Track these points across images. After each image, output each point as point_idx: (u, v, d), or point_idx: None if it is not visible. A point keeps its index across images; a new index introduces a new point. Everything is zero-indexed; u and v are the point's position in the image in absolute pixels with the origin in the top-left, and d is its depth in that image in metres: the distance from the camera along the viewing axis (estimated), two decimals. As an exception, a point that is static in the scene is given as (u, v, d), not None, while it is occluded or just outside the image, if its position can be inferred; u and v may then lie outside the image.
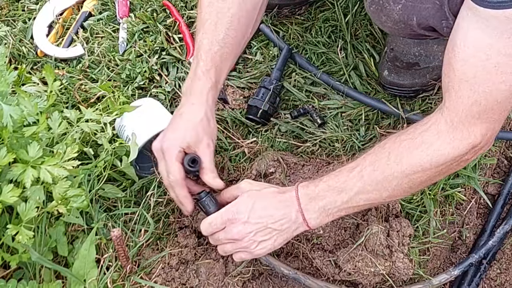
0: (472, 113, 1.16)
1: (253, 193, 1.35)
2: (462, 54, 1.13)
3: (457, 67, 1.15)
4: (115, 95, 1.72)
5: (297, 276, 1.45)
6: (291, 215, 1.31)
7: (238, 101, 1.82)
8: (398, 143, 1.25)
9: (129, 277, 1.42)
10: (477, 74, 1.12)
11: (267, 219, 1.31)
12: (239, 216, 1.32)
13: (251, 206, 1.32)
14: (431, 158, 1.20)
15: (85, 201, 1.31)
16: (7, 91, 1.29)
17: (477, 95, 1.13)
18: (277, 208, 1.32)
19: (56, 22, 1.98)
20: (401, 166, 1.23)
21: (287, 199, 1.32)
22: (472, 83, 1.13)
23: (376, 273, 1.45)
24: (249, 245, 1.34)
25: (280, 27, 1.94)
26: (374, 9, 1.46)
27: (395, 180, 1.24)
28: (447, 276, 1.53)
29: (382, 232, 1.49)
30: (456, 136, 1.19)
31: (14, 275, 1.36)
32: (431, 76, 1.75)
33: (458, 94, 1.16)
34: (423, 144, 1.21)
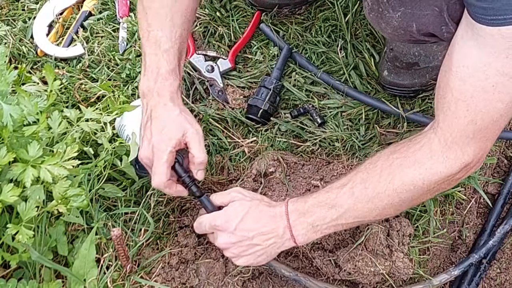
0: (467, 133, 1.15)
1: (245, 203, 1.35)
2: (460, 73, 1.13)
3: (455, 86, 1.14)
4: (115, 94, 1.72)
5: (298, 278, 1.45)
6: (279, 231, 1.31)
7: (238, 100, 1.82)
8: (390, 161, 1.25)
9: (129, 276, 1.42)
10: (475, 93, 1.11)
11: (253, 233, 1.31)
12: (227, 226, 1.32)
13: (240, 217, 1.32)
14: (424, 177, 1.20)
15: (85, 201, 1.31)
16: (7, 90, 1.29)
17: (474, 114, 1.13)
18: (266, 222, 1.32)
19: (56, 22, 1.98)
20: (393, 184, 1.22)
21: (276, 214, 1.32)
22: (469, 103, 1.12)
23: (376, 272, 1.45)
24: (231, 256, 1.35)
25: (280, 27, 1.94)
26: (373, 16, 1.46)
27: (387, 199, 1.24)
28: (447, 276, 1.54)
29: (382, 232, 1.49)
30: (449, 156, 1.18)
31: (14, 274, 1.36)
32: (430, 76, 1.75)
33: (455, 115, 1.15)
34: (416, 163, 1.21)
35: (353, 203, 1.26)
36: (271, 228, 1.31)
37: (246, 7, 1.96)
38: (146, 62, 1.36)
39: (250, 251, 1.33)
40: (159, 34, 1.35)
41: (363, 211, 1.26)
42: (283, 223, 1.31)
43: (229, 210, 1.35)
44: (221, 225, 1.33)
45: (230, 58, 1.86)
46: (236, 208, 1.34)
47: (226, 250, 1.35)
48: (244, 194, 1.39)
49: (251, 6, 1.96)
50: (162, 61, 1.35)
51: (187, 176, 1.37)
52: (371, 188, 1.24)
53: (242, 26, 1.94)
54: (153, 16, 1.37)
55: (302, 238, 1.31)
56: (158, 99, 1.35)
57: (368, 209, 1.25)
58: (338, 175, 1.61)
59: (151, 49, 1.36)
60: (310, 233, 1.31)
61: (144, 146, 1.35)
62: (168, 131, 1.33)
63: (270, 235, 1.32)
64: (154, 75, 1.35)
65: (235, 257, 1.35)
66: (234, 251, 1.34)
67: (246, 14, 1.96)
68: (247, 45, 1.92)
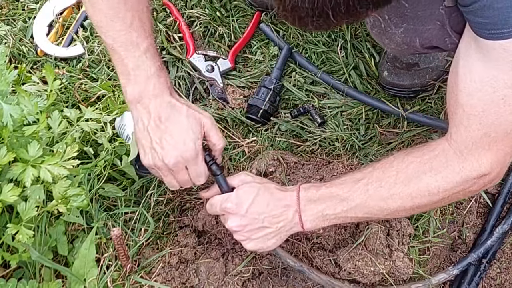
0: (482, 145, 1.15)
1: (255, 185, 1.35)
2: (468, 88, 1.13)
3: (464, 102, 1.14)
4: (115, 94, 1.72)
5: (302, 269, 1.45)
6: (289, 214, 1.31)
7: (238, 100, 1.82)
8: (406, 164, 1.24)
9: (129, 276, 1.42)
10: (485, 107, 1.11)
11: (264, 216, 1.31)
12: (238, 208, 1.32)
13: (251, 200, 1.32)
14: (439, 185, 1.20)
15: (85, 200, 1.31)
16: (7, 90, 1.29)
17: (487, 127, 1.13)
18: (276, 205, 1.32)
19: (56, 21, 1.98)
20: (408, 188, 1.22)
21: (287, 198, 1.32)
22: (481, 117, 1.12)
23: (376, 272, 1.45)
24: (241, 239, 1.35)
25: (280, 27, 1.94)
26: (376, 32, 1.46)
27: (400, 200, 1.23)
28: (446, 275, 1.54)
29: (382, 232, 1.49)
30: (465, 166, 1.18)
31: (14, 274, 1.36)
32: (430, 76, 1.75)
33: (468, 129, 1.15)
34: (432, 170, 1.21)
35: (365, 200, 1.26)
36: (281, 211, 1.31)
37: (246, 7, 1.96)
38: (128, 66, 1.28)
39: (260, 234, 1.33)
40: (133, 35, 1.27)
41: (374, 209, 1.26)
42: (293, 207, 1.31)
43: (240, 192, 1.34)
44: (232, 207, 1.33)
45: (230, 58, 1.86)
46: (247, 191, 1.34)
47: (237, 233, 1.34)
48: (254, 177, 1.39)
49: (251, 6, 1.96)
50: (147, 61, 1.28)
51: (207, 155, 1.36)
52: (386, 188, 1.24)
53: (242, 26, 1.94)
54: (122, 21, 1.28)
55: (310, 224, 1.32)
56: (159, 100, 1.29)
57: (379, 207, 1.26)
58: (338, 175, 1.61)
59: (129, 52, 1.28)
60: (318, 221, 1.31)
61: (167, 151, 1.28)
62: (190, 130, 1.29)
63: (280, 218, 1.32)
64: (143, 78, 1.28)
65: (245, 240, 1.35)
66: (244, 234, 1.33)
67: (246, 14, 1.96)
68: (247, 45, 1.92)
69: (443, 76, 1.77)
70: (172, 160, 1.28)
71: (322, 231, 1.50)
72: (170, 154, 1.28)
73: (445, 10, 1.23)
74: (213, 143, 1.34)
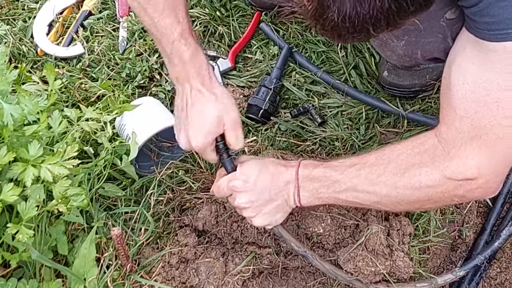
0: (472, 147, 1.13)
1: (258, 161, 1.37)
2: (461, 91, 1.12)
3: (457, 105, 1.13)
4: (115, 94, 1.72)
5: (306, 254, 1.45)
6: (290, 189, 1.33)
7: (238, 100, 1.82)
8: (397, 154, 1.25)
9: (129, 276, 1.42)
10: (478, 109, 1.10)
11: (270, 190, 1.33)
12: (245, 185, 1.33)
13: (256, 175, 1.33)
14: (422, 179, 1.20)
15: (85, 200, 1.31)
16: (7, 90, 1.29)
17: (478, 129, 1.11)
18: (279, 179, 1.33)
19: (56, 21, 1.98)
20: (395, 177, 1.23)
21: (288, 173, 1.33)
22: (473, 118, 1.11)
23: (376, 272, 1.45)
24: (250, 216, 1.36)
25: (280, 26, 1.94)
26: (377, 44, 1.46)
27: (386, 189, 1.24)
28: (453, 276, 1.51)
29: (382, 232, 1.49)
30: (450, 166, 1.17)
31: (14, 274, 1.36)
32: (430, 76, 1.75)
33: (458, 130, 1.14)
34: (419, 163, 1.21)
35: (355, 184, 1.27)
36: (284, 184, 1.33)
37: (246, 7, 1.96)
38: (165, 51, 1.33)
39: (269, 207, 1.34)
40: (167, 21, 1.30)
41: (363, 193, 1.27)
42: (293, 183, 1.33)
43: (244, 169, 1.35)
44: (239, 184, 1.33)
45: (230, 57, 1.86)
46: (251, 167, 1.35)
47: (246, 209, 1.35)
48: (254, 156, 1.42)
49: (251, 6, 1.96)
50: (182, 47, 1.31)
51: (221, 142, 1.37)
52: (376, 174, 1.25)
53: (242, 26, 1.94)
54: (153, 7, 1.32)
55: (306, 200, 1.33)
56: (191, 86, 1.33)
57: (367, 193, 1.27)
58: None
59: (164, 37, 1.32)
60: (313, 198, 1.33)
61: (182, 136, 1.35)
62: (205, 125, 1.32)
63: (284, 191, 1.33)
64: (179, 62, 1.32)
65: (253, 217, 1.35)
66: (254, 209, 1.34)
67: (246, 14, 1.96)
68: (247, 44, 1.92)
69: (443, 76, 1.77)
70: (183, 145, 1.36)
71: (322, 230, 1.50)
72: (182, 139, 1.35)
73: (446, 22, 1.22)
74: (229, 143, 1.36)
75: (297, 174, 1.33)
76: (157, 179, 1.57)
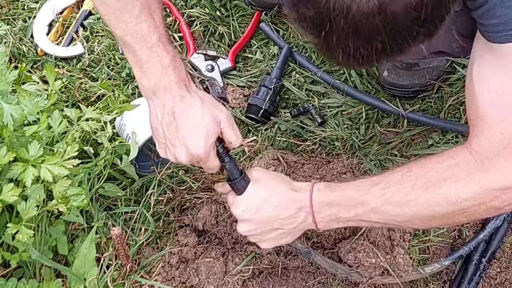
0: (505, 155, 1.10)
1: (264, 187, 1.31)
2: (487, 99, 1.10)
3: (484, 113, 1.11)
4: (115, 93, 1.72)
5: (308, 251, 1.45)
6: (300, 216, 1.27)
7: (238, 99, 1.82)
8: (426, 170, 1.18)
9: (129, 276, 1.42)
10: (506, 116, 1.08)
11: (274, 219, 1.28)
12: (246, 215, 1.29)
13: (259, 203, 1.28)
14: (458, 193, 1.13)
15: (85, 200, 1.31)
16: (7, 90, 1.29)
17: (510, 137, 1.08)
18: (287, 207, 1.28)
19: (56, 21, 1.98)
20: (426, 194, 1.16)
21: (300, 199, 1.27)
22: (502, 127, 1.09)
23: (377, 265, 1.45)
24: (255, 241, 1.34)
25: (280, 26, 1.94)
26: None
27: (416, 207, 1.17)
28: (438, 265, 1.57)
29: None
30: (486, 177, 1.12)
31: (14, 273, 1.36)
32: (430, 76, 1.75)
33: (490, 139, 1.11)
34: (452, 177, 1.14)
35: (381, 204, 1.20)
36: (293, 213, 1.27)
37: (246, 7, 1.96)
38: (141, 59, 1.24)
39: (272, 235, 1.30)
40: (144, 26, 1.23)
41: (390, 214, 1.21)
42: (305, 209, 1.27)
43: (247, 196, 1.30)
44: (239, 214, 1.30)
45: (230, 57, 1.86)
46: (255, 194, 1.30)
47: (249, 237, 1.33)
48: (265, 174, 1.34)
49: (251, 5, 1.96)
50: (160, 52, 1.24)
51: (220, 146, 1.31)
52: (403, 193, 1.18)
53: (242, 26, 1.94)
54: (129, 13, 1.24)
55: (323, 224, 1.28)
56: (173, 94, 1.25)
57: (395, 213, 1.20)
58: (338, 174, 1.61)
59: (140, 44, 1.23)
60: (332, 222, 1.27)
61: (180, 150, 1.26)
62: (203, 128, 1.25)
63: (291, 220, 1.28)
64: (157, 70, 1.24)
65: (258, 242, 1.33)
66: (256, 237, 1.32)
67: (246, 14, 1.96)
68: (247, 44, 1.92)
69: (443, 76, 1.77)
70: (184, 158, 1.27)
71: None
72: (181, 152, 1.26)
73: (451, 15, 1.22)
74: (229, 141, 1.30)
75: (311, 200, 1.26)
76: (157, 179, 1.57)
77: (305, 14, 0.88)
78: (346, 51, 0.90)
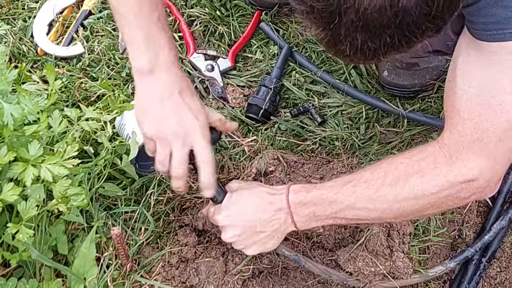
0: (474, 150, 1.13)
1: (243, 192, 1.35)
2: (466, 94, 1.11)
3: (461, 108, 1.13)
4: (115, 93, 1.72)
5: (298, 258, 1.45)
6: (281, 216, 1.31)
7: (238, 99, 1.82)
8: (395, 165, 1.23)
9: (129, 275, 1.42)
10: (482, 112, 1.10)
11: (255, 222, 1.31)
12: (228, 220, 1.32)
13: (239, 208, 1.32)
14: (424, 187, 1.18)
15: (85, 200, 1.31)
16: (7, 89, 1.29)
17: (481, 132, 1.11)
18: (266, 209, 1.31)
19: (56, 21, 1.98)
20: (395, 189, 1.20)
21: (277, 201, 1.31)
22: (476, 121, 1.11)
23: (376, 272, 1.45)
24: (241, 248, 1.35)
25: (280, 26, 1.94)
26: None
27: (387, 203, 1.22)
28: (443, 268, 1.57)
29: (383, 233, 1.49)
30: (452, 170, 1.16)
31: (14, 273, 1.36)
32: (430, 76, 1.75)
33: (461, 133, 1.14)
34: (419, 172, 1.19)
35: (353, 201, 1.25)
36: (272, 215, 1.31)
37: (246, 6, 1.96)
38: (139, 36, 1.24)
39: (256, 239, 1.33)
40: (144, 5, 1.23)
41: (363, 210, 1.25)
42: (284, 210, 1.30)
43: (227, 203, 1.34)
44: (222, 220, 1.33)
45: (230, 57, 1.86)
46: (234, 200, 1.34)
47: (233, 243, 1.35)
48: (241, 183, 1.39)
49: (251, 5, 1.96)
50: (159, 31, 1.25)
51: None
52: (373, 189, 1.22)
53: (242, 25, 1.94)
54: None
55: (302, 224, 1.31)
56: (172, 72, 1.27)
57: (367, 209, 1.24)
58: (338, 174, 1.61)
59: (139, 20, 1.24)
60: (311, 221, 1.31)
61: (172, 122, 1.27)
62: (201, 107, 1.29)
63: (272, 221, 1.31)
64: (155, 47, 1.25)
65: (244, 248, 1.35)
66: (242, 243, 1.33)
67: (246, 13, 1.96)
68: (247, 44, 1.92)
69: (443, 76, 1.77)
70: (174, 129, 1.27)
71: (322, 230, 1.50)
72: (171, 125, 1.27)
73: None
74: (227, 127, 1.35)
75: (288, 201, 1.30)
76: (157, 179, 1.57)
77: (314, 6, 0.89)
78: (354, 45, 0.90)
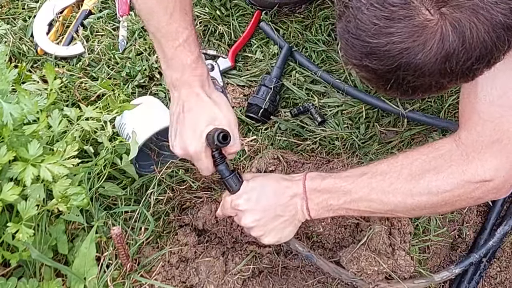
0: (492, 150, 1.13)
1: (260, 179, 1.36)
2: (488, 96, 1.12)
3: (482, 109, 1.13)
4: (115, 93, 1.72)
5: (310, 255, 1.45)
6: (297, 202, 1.31)
7: (238, 99, 1.82)
8: (411, 160, 1.23)
9: (129, 275, 1.42)
10: (504, 113, 1.10)
11: (274, 206, 1.31)
12: (248, 204, 1.32)
13: (259, 193, 1.32)
14: (439, 185, 1.19)
15: (85, 199, 1.31)
16: (7, 89, 1.29)
17: (501, 133, 1.11)
18: (283, 193, 1.32)
19: (56, 20, 1.98)
20: (409, 184, 1.21)
21: (294, 186, 1.32)
22: (497, 123, 1.11)
23: (379, 271, 1.45)
24: (259, 234, 1.34)
25: (280, 25, 1.94)
26: None
27: (401, 196, 1.22)
28: (449, 273, 1.56)
29: (385, 231, 1.49)
30: (468, 169, 1.16)
31: (14, 273, 1.36)
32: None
33: (480, 134, 1.14)
34: (435, 168, 1.19)
35: (367, 193, 1.25)
36: (289, 199, 1.31)
37: (246, 6, 1.96)
38: (167, 55, 1.33)
39: (276, 223, 1.32)
40: (173, 26, 1.31)
41: (376, 202, 1.25)
42: (300, 195, 1.31)
43: (246, 188, 1.34)
44: (242, 204, 1.32)
45: (230, 56, 1.86)
46: (253, 185, 1.34)
47: (252, 229, 1.33)
48: (257, 173, 1.41)
49: (251, 5, 1.96)
50: (184, 51, 1.32)
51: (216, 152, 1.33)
52: (388, 182, 1.23)
53: (242, 25, 1.94)
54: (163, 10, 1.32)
55: (316, 212, 1.32)
56: (189, 90, 1.33)
57: (381, 201, 1.25)
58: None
59: (168, 42, 1.32)
60: (323, 210, 1.31)
61: (177, 141, 1.33)
62: (201, 125, 1.30)
63: (290, 207, 1.32)
64: (179, 67, 1.33)
65: (262, 235, 1.34)
66: (261, 228, 1.33)
67: (246, 13, 1.96)
68: (247, 43, 1.92)
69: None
70: (177, 150, 1.34)
71: (322, 230, 1.50)
72: (177, 144, 1.33)
73: None
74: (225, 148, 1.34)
75: (304, 187, 1.31)
76: (157, 178, 1.57)
77: (370, 67, 0.93)
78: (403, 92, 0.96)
